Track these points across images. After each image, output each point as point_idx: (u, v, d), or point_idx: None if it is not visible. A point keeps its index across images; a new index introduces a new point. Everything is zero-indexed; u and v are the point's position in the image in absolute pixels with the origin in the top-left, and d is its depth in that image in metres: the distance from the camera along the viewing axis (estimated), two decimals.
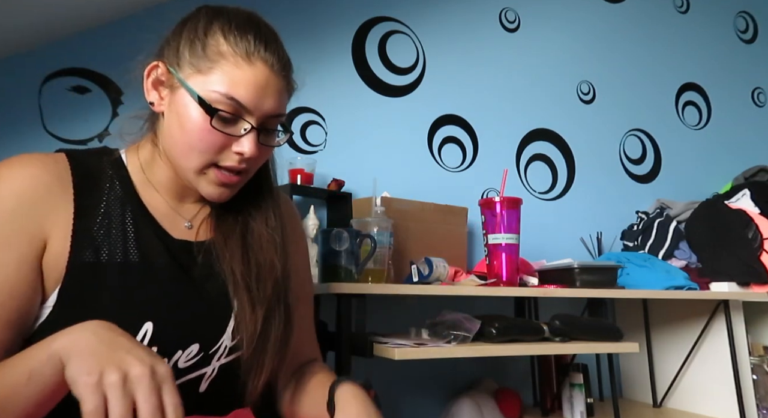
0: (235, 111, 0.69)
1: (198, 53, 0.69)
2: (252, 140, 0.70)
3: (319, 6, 1.93)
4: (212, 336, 0.71)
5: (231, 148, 0.71)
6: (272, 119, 0.73)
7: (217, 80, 0.68)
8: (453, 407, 1.62)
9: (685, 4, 2.77)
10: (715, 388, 1.85)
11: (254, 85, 0.69)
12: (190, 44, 0.70)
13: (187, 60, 0.70)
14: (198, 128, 0.69)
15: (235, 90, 0.68)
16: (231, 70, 0.68)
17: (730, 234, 2.03)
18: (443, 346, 1.31)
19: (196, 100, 0.68)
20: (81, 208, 0.70)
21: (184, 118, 0.70)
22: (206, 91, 0.68)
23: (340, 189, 1.70)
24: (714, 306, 1.85)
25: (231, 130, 0.70)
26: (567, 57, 2.39)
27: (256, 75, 0.69)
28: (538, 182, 2.24)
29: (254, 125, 0.70)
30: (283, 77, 0.73)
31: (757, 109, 2.89)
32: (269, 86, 0.70)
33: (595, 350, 1.55)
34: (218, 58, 0.69)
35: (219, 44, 0.69)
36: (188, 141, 0.70)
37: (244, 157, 0.71)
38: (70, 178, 0.71)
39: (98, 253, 0.68)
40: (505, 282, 1.52)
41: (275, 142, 0.76)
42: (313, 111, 1.86)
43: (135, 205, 0.74)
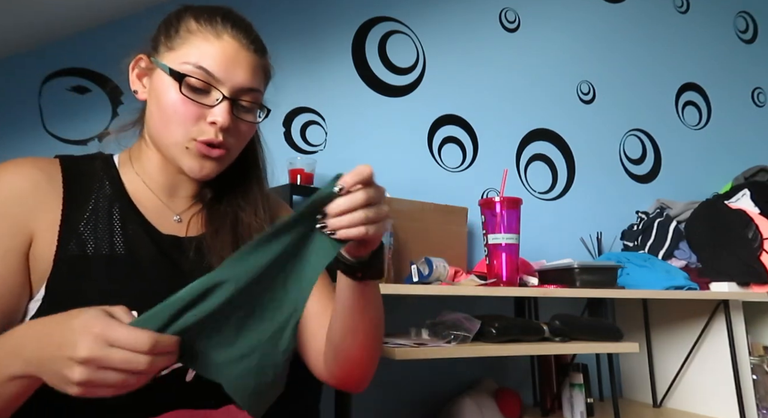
0: (205, 80, 0.72)
1: (171, 34, 0.74)
2: (225, 109, 0.72)
3: (319, 6, 1.93)
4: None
5: (206, 119, 0.73)
6: (246, 93, 0.75)
7: (186, 53, 0.72)
8: (453, 407, 1.62)
9: (685, 4, 2.78)
10: (715, 388, 1.85)
11: (223, 56, 0.73)
12: (165, 30, 0.76)
13: (162, 43, 0.75)
14: (172, 101, 0.72)
15: (203, 60, 0.72)
16: (200, 44, 0.73)
17: (730, 234, 2.03)
18: (443, 346, 1.31)
19: (167, 73, 0.72)
20: (69, 205, 0.72)
21: (160, 94, 0.73)
22: (177, 64, 0.72)
23: None
24: (714, 306, 1.85)
25: (203, 100, 0.72)
26: (567, 57, 2.39)
27: (225, 47, 0.73)
28: (538, 182, 2.24)
29: (226, 95, 0.73)
30: (254, 52, 0.77)
31: (757, 109, 2.89)
32: (239, 59, 0.74)
33: (595, 350, 1.55)
34: (188, 35, 0.73)
35: (189, 24, 0.74)
36: (165, 115, 0.73)
37: (218, 126, 0.72)
38: (60, 177, 0.73)
39: (84, 246, 0.70)
40: (505, 282, 1.52)
41: (252, 119, 0.78)
42: (313, 111, 1.86)
43: (123, 202, 0.76)
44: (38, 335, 0.55)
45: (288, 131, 1.82)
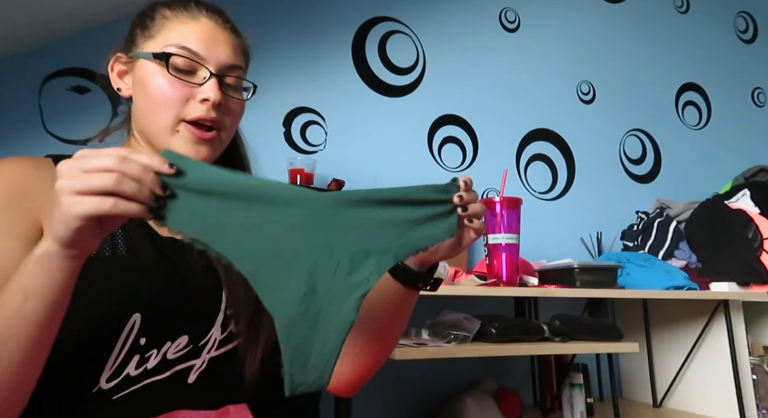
0: (190, 57, 0.72)
1: (147, 26, 0.76)
2: (214, 85, 0.73)
3: (319, 6, 1.93)
4: (201, 328, 0.71)
5: (196, 99, 0.72)
6: (231, 70, 0.76)
7: (166, 37, 0.73)
8: (453, 407, 1.62)
9: (685, 4, 2.77)
10: (715, 388, 1.85)
11: (203, 36, 0.74)
12: (141, 24, 0.77)
13: (139, 35, 0.76)
14: (159, 84, 0.72)
15: (185, 40, 0.73)
16: (179, 27, 0.74)
17: (730, 234, 2.03)
18: (443, 346, 1.31)
19: (151, 59, 0.72)
20: None
21: (146, 81, 0.73)
22: (159, 48, 0.73)
23: (340, 189, 1.70)
24: (714, 306, 1.85)
25: (190, 79, 0.73)
26: (567, 57, 2.39)
27: (203, 28, 0.74)
28: (538, 182, 2.24)
29: (213, 72, 0.73)
30: (231, 31, 0.78)
31: (757, 109, 2.89)
32: (218, 37, 0.75)
33: (595, 350, 1.55)
34: (165, 21, 0.75)
35: (164, 12, 0.76)
36: (154, 101, 0.72)
37: (210, 102, 0.72)
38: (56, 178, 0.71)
39: None
40: (505, 282, 1.52)
41: (240, 96, 0.78)
42: (313, 111, 1.86)
43: None
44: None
45: (288, 131, 1.82)
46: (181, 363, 0.70)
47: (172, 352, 0.69)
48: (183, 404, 0.70)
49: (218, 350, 0.73)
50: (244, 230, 0.54)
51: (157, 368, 0.68)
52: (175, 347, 0.69)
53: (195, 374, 0.71)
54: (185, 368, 0.70)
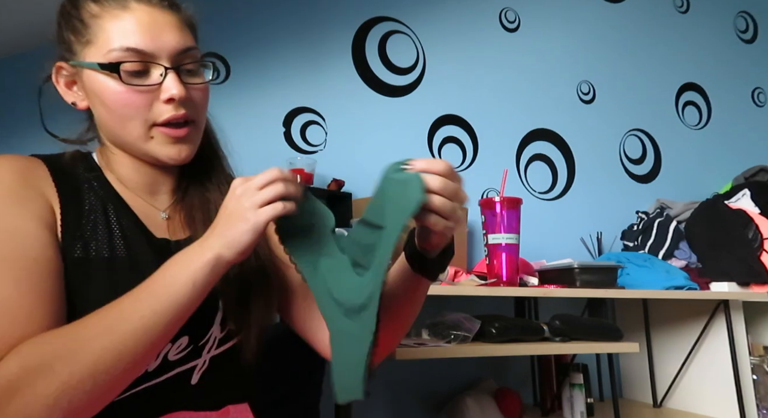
0: (139, 59, 0.67)
1: (78, 29, 0.69)
2: (174, 81, 0.68)
3: (319, 6, 1.93)
4: (201, 328, 0.71)
5: (160, 100, 0.68)
6: (184, 56, 0.70)
7: (106, 40, 0.67)
8: (453, 406, 1.62)
9: (685, 4, 2.77)
10: (715, 388, 1.85)
11: (142, 27, 0.67)
12: (70, 26, 0.70)
13: (74, 42, 0.70)
14: (117, 95, 0.67)
15: (126, 39, 0.66)
16: (113, 25, 0.67)
17: (730, 234, 2.03)
18: (443, 346, 1.31)
19: (99, 70, 0.67)
20: (66, 205, 0.69)
21: (102, 94, 0.68)
22: (103, 55, 0.67)
23: (340, 189, 1.70)
24: (714, 306, 1.85)
25: (148, 81, 0.68)
26: (567, 57, 2.39)
27: (139, 17, 0.67)
28: (538, 182, 2.24)
29: (168, 66, 0.68)
30: (169, 10, 0.71)
31: (757, 109, 2.89)
32: (158, 23, 0.68)
33: (595, 350, 1.55)
34: (96, 20, 0.68)
35: (90, 8, 0.69)
36: (117, 114, 0.69)
37: (176, 99, 0.68)
38: (48, 174, 0.70)
39: (87, 248, 0.67)
40: (505, 282, 1.52)
41: (202, 79, 0.73)
42: (313, 111, 1.86)
43: (116, 202, 0.73)
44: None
45: (288, 131, 1.82)
46: (183, 365, 0.70)
47: (173, 353, 0.69)
48: (185, 405, 0.70)
49: (218, 349, 0.73)
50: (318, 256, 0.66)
51: (158, 370, 0.67)
52: (176, 348, 0.69)
53: (198, 375, 0.71)
54: (187, 369, 0.70)
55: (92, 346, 0.56)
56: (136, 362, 0.59)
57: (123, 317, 0.58)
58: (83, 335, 0.57)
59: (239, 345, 0.73)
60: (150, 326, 0.58)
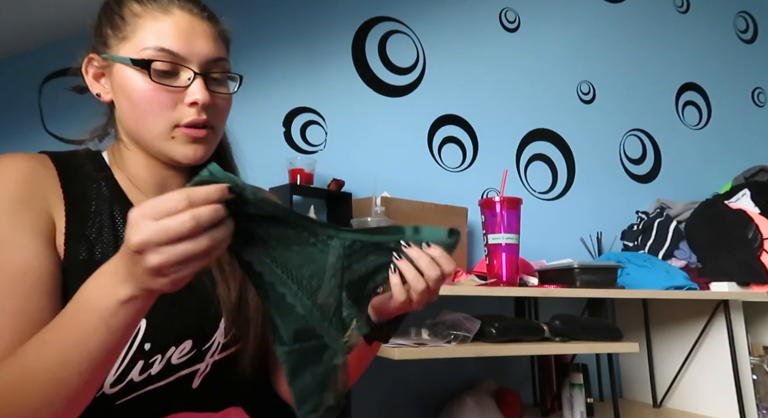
0: (171, 60, 0.68)
1: (117, 25, 0.70)
2: (200, 86, 0.69)
3: (319, 6, 1.93)
4: (205, 332, 0.71)
5: (184, 103, 0.69)
6: (214, 65, 0.72)
7: (142, 39, 0.68)
8: (453, 407, 1.62)
9: (685, 4, 2.77)
10: (715, 388, 1.85)
11: (180, 31, 0.69)
12: (110, 21, 0.71)
13: (111, 36, 0.71)
14: (143, 92, 0.68)
15: (162, 40, 0.68)
16: (152, 25, 0.69)
17: (730, 234, 2.03)
18: (443, 346, 1.31)
19: (130, 65, 0.68)
20: (72, 207, 0.69)
21: (129, 89, 0.69)
22: (136, 52, 0.68)
23: (340, 189, 1.70)
24: (714, 306, 1.85)
25: (175, 83, 0.69)
26: (567, 57, 2.39)
27: (178, 22, 0.69)
28: (538, 182, 2.24)
29: (197, 71, 0.69)
30: (208, 20, 0.73)
31: (757, 109, 2.89)
32: (195, 30, 0.70)
33: (595, 350, 1.55)
34: (136, 19, 0.69)
35: (132, 7, 0.70)
36: (141, 110, 0.69)
37: (200, 104, 0.69)
38: (57, 178, 0.70)
39: (92, 251, 0.67)
40: (505, 282, 1.52)
41: (227, 90, 0.75)
42: (313, 111, 1.86)
43: (123, 204, 0.73)
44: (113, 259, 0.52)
45: (288, 131, 1.82)
46: (186, 368, 0.70)
47: (176, 357, 0.68)
48: (186, 408, 0.70)
49: (221, 354, 0.72)
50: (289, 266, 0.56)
51: (161, 374, 0.67)
52: (180, 352, 0.69)
53: (199, 379, 0.71)
54: (190, 373, 0.70)
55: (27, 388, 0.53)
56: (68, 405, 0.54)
57: (37, 363, 0.52)
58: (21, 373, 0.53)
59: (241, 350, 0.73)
60: (62, 377, 0.51)
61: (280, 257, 0.55)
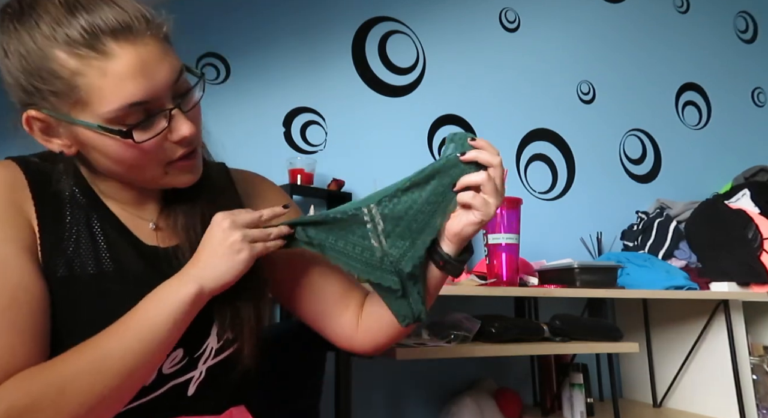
0: (144, 113, 0.61)
1: (58, 86, 0.59)
2: (183, 120, 0.64)
3: (319, 6, 1.93)
4: (196, 340, 0.69)
5: (169, 140, 0.64)
6: (178, 84, 0.64)
7: (99, 101, 0.59)
8: (453, 407, 1.62)
9: (685, 4, 2.77)
10: (715, 388, 1.85)
11: (132, 75, 0.59)
12: (40, 78, 0.60)
13: (48, 93, 0.60)
14: (126, 152, 0.63)
15: (121, 96, 0.59)
16: (103, 83, 0.58)
17: (730, 234, 2.03)
18: (443, 346, 1.31)
19: (100, 132, 0.61)
20: (44, 216, 0.65)
21: (106, 150, 0.63)
22: (101, 116, 0.60)
23: (340, 189, 1.70)
24: (714, 306, 1.85)
25: (156, 129, 0.62)
26: (567, 57, 2.39)
27: (127, 63, 0.59)
28: (538, 182, 2.24)
29: (171, 106, 0.63)
30: (148, 33, 0.61)
31: (757, 109, 2.89)
32: (146, 60, 0.60)
33: (595, 350, 1.55)
34: (80, 78, 0.58)
35: (67, 63, 0.58)
36: (127, 165, 0.65)
37: (189, 138, 0.65)
38: (25, 182, 0.66)
39: (71, 266, 0.64)
40: (505, 282, 1.52)
41: (197, 98, 0.68)
42: (313, 111, 1.86)
43: (100, 212, 0.69)
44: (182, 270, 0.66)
45: (288, 131, 1.82)
46: (179, 377, 0.68)
47: (167, 366, 0.67)
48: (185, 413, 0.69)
49: (215, 359, 0.71)
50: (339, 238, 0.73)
51: (153, 385, 0.66)
52: (171, 361, 0.67)
53: (194, 386, 0.70)
54: (184, 382, 0.69)
55: (78, 386, 0.57)
56: (121, 399, 0.61)
57: (104, 356, 0.59)
58: (68, 375, 0.57)
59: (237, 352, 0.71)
60: (131, 365, 0.59)
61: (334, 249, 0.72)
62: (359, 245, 0.72)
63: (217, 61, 1.73)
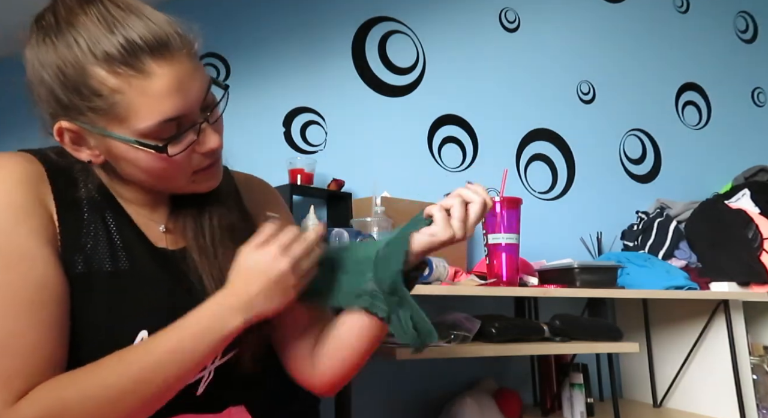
0: (176, 125, 0.64)
1: (97, 103, 0.61)
2: (211, 133, 0.67)
3: (319, 6, 1.93)
4: None
5: (198, 152, 0.68)
6: (206, 99, 0.68)
7: (137, 118, 0.61)
8: (453, 407, 1.62)
9: (685, 4, 2.77)
10: (715, 388, 1.85)
11: (169, 94, 0.62)
12: (79, 94, 0.62)
13: (91, 111, 0.62)
14: (157, 164, 0.65)
15: (158, 113, 0.62)
16: (139, 100, 0.61)
17: (730, 234, 2.03)
18: (443, 346, 1.31)
19: (137, 146, 0.63)
20: (64, 213, 0.66)
21: (140, 163, 0.65)
22: (137, 132, 0.62)
23: (340, 189, 1.70)
24: (714, 306, 1.85)
25: (186, 142, 0.65)
26: (567, 57, 2.39)
27: (163, 83, 0.61)
28: (538, 182, 2.24)
29: (200, 120, 0.66)
30: (182, 51, 0.64)
31: (757, 109, 2.89)
32: (182, 78, 0.63)
33: (595, 350, 1.55)
34: (117, 96, 0.61)
35: (107, 81, 0.60)
36: (156, 176, 0.68)
37: (216, 150, 0.69)
38: (48, 184, 0.67)
39: (89, 262, 0.65)
40: (505, 282, 1.52)
41: (220, 110, 0.71)
42: (313, 111, 1.86)
43: (115, 212, 0.71)
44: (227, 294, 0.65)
45: (288, 131, 1.82)
46: None
47: None
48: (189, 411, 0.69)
49: (222, 359, 0.71)
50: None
51: None
52: None
53: (203, 386, 0.70)
54: (193, 383, 0.69)
55: (120, 405, 0.59)
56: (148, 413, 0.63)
57: (147, 380, 0.60)
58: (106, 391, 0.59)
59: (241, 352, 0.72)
60: (170, 386, 0.63)
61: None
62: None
63: (217, 61, 1.73)
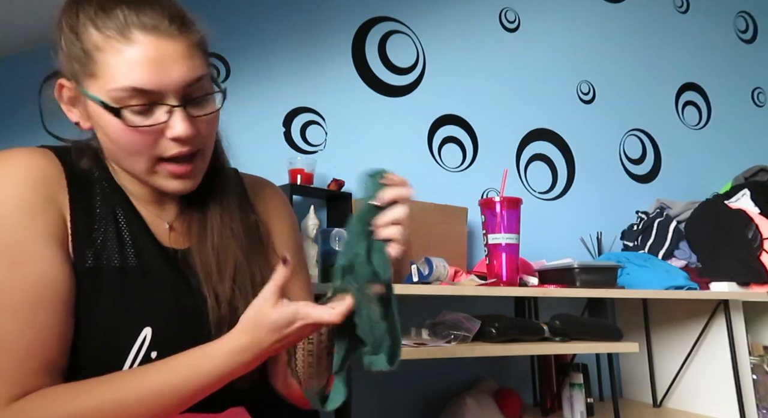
0: (144, 100, 0.62)
1: (81, 57, 0.64)
2: (181, 119, 0.64)
3: (319, 6, 1.93)
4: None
5: (166, 136, 0.65)
6: (192, 87, 0.65)
7: (110, 78, 0.62)
8: (453, 407, 1.62)
9: (685, 4, 2.77)
10: (715, 388, 1.85)
11: (147, 63, 0.61)
12: (71, 50, 0.65)
13: (78, 68, 0.65)
14: (121, 133, 0.64)
15: (131, 78, 0.61)
16: (116, 61, 0.61)
17: (730, 234, 2.03)
18: (443, 346, 1.31)
19: (100, 106, 0.63)
20: (77, 208, 0.67)
21: (105, 127, 0.65)
22: (106, 92, 0.62)
23: (340, 189, 1.70)
24: (714, 306, 1.85)
25: (153, 120, 0.64)
26: (567, 57, 2.39)
27: (144, 51, 0.61)
28: (538, 182, 2.24)
29: (175, 103, 0.64)
30: (180, 35, 0.64)
31: (757, 109, 2.89)
32: (165, 55, 0.62)
33: (595, 350, 1.55)
34: (99, 54, 0.62)
35: (91, 36, 0.63)
36: (120, 148, 0.66)
37: (183, 139, 0.65)
38: (64, 179, 0.68)
39: (99, 257, 0.66)
40: (505, 282, 1.52)
41: (212, 109, 0.68)
42: (313, 111, 1.86)
43: (125, 208, 0.72)
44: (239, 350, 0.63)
45: (288, 131, 1.82)
46: None
47: None
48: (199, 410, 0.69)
49: None
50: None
51: None
52: None
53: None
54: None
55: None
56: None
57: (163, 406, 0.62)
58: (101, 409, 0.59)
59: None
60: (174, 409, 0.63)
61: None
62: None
63: (217, 61, 1.73)
